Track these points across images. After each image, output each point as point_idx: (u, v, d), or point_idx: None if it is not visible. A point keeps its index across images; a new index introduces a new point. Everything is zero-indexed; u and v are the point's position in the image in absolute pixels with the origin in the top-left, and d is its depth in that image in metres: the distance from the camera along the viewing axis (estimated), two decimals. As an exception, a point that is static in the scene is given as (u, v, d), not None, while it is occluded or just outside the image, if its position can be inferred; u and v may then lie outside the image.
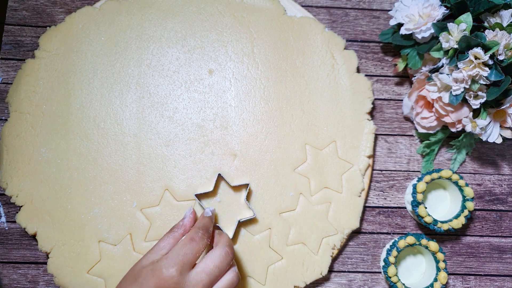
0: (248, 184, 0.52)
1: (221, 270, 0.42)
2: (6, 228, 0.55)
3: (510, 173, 0.59)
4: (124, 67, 0.56)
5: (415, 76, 0.56)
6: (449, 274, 0.56)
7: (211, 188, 0.52)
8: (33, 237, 0.53)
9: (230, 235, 0.51)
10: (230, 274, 0.43)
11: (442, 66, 0.52)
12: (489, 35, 0.49)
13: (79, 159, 0.53)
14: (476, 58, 0.48)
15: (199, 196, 0.52)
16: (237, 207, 0.53)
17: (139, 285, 0.40)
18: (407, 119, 0.59)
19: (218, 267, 0.42)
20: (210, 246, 0.48)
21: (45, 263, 0.54)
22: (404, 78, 0.60)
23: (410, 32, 0.54)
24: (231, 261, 0.44)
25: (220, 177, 0.53)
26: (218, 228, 0.50)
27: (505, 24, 0.50)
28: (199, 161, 0.54)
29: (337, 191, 0.54)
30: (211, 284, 0.42)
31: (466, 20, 0.49)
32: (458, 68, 0.49)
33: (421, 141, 0.58)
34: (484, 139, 0.52)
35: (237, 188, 0.53)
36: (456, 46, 0.50)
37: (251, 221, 0.53)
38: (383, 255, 0.55)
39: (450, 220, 0.53)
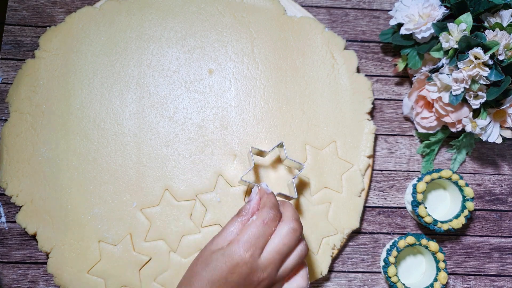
0: (302, 165, 0.50)
1: (291, 247, 0.42)
2: (6, 228, 0.55)
3: (510, 173, 0.59)
4: (124, 67, 0.56)
5: (415, 76, 0.56)
6: (449, 274, 0.56)
7: (269, 149, 0.51)
8: (33, 237, 0.53)
9: (294, 196, 0.49)
10: (299, 248, 0.43)
11: (442, 66, 0.52)
12: (489, 35, 0.49)
13: (79, 159, 0.53)
14: (476, 58, 0.48)
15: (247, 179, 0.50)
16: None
17: (211, 270, 0.40)
18: (407, 119, 0.59)
19: (287, 245, 0.41)
20: None
21: (45, 263, 0.54)
22: (404, 78, 0.60)
23: (410, 32, 0.54)
24: (300, 235, 0.43)
25: (281, 145, 0.50)
26: (280, 194, 0.48)
27: (505, 24, 0.50)
28: (199, 161, 0.54)
29: (337, 191, 0.54)
30: (281, 262, 0.42)
31: (466, 20, 0.49)
32: (458, 68, 0.49)
33: (421, 141, 0.58)
34: (484, 139, 0.52)
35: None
36: (456, 46, 0.50)
37: None
38: (383, 255, 0.55)
39: (450, 220, 0.53)
